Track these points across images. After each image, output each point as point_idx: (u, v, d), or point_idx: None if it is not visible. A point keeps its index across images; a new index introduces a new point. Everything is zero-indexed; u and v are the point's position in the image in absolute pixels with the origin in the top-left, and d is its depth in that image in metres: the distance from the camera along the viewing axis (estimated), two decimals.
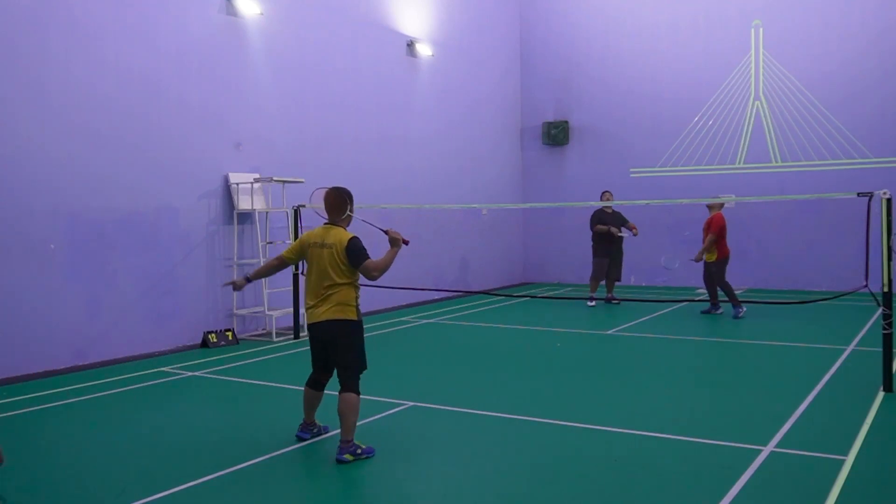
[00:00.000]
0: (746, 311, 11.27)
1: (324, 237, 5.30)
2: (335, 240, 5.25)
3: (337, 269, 5.20)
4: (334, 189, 5.48)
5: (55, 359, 8.13)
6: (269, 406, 6.85)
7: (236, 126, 10.27)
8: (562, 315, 12.02)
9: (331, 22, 11.94)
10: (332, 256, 5.20)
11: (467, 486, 4.60)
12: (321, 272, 5.23)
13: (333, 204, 5.41)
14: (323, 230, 5.37)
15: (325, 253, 5.23)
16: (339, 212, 5.42)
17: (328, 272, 5.20)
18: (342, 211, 5.42)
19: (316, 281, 5.27)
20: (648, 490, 4.55)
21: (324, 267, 5.22)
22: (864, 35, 14.07)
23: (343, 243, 5.20)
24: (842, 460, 4.94)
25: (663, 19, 15.83)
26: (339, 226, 5.38)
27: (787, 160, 14.68)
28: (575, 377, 7.81)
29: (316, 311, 5.24)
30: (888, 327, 6.64)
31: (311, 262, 5.33)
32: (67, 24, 8.30)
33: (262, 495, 4.57)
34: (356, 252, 5.19)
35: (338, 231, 5.33)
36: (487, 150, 16.06)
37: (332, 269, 5.20)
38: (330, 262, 5.20)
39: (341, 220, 5.43)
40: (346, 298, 5.23)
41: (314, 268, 5.29)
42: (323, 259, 5.23)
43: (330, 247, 5.22)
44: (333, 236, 5.28)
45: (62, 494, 4.69)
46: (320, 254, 5.25)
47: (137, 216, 9.00)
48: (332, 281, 5.21)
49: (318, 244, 5.29)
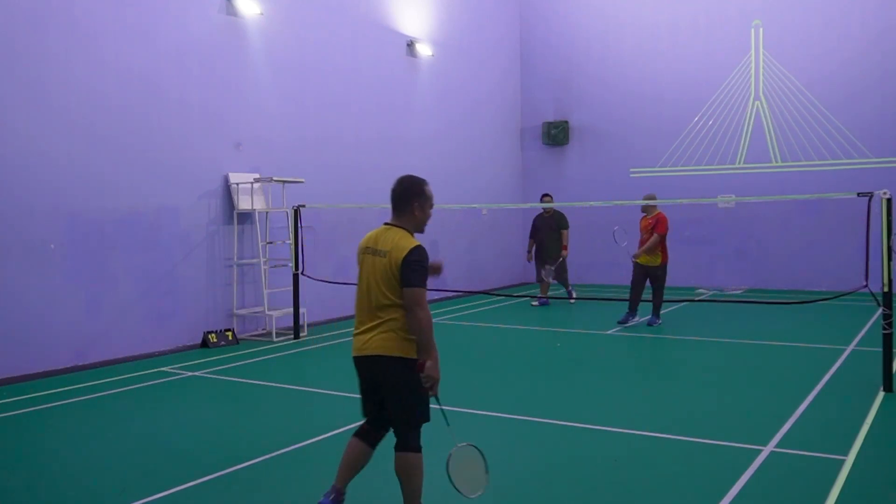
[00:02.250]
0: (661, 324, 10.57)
1: (377, 241, 4.00)
2: (391, 245, 3.91)
3: (391, 286, 3.87)
4: (400, 178, 4.12)
5: (55, 359, 8.12)
6: (269, 406, 6.85)
7: (236, 126, 10.27)
8: (562, 315, 12.01)
9: (331, 22, 11.94)
10: (385, 268, 3.88)
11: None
12: (371, 287, 3.93)
13: (394, 196, 4.06)
14: (380, 231, 4.06)
15: (377, 262, 3.93)
16: (402, 208, 4.04)
17: (380, 288, 3.89)
18: (407, 206, 4.03)
19: (364, 299, 3.99)
20: (648, 490, 4.55)
21: (375, 281, 3.91)
22: (864, 35, 14.06)
23: (401, 251, 3.85)
24: (842, 460, 4.93)
25: (663, 19, 15.83)
26: (402, 228, 4.03)
27: (787, 160, 14.68)
28: (575, 377, 7.81)
29: (361, 338, 3.96)
30: (888, 327, 6.64)
31: (361, 272, 4.04)
32: (67, 24, 8.30)
33: (262, 495, 4.57)
34: (413, 268, 3.82)
35: (397, 235, 3.96)
36: (487, 150, 16.06)
37: (385, 284, 3.87)
38: (383, 275, 3.88)
39: (405, 220, 4.05)
40: (405, 326, 3.86)
41: (363, 281, 4.00)
42: (374, 270, 3.93)
43: (383, 254, 3.91)
44: (390, 241, 3.93)
45: (62, 494, 4.69)
46: (372, 263, 3.96)
47: (137, 216, 9.00)
48: (385, 301, 3.88)
49: (371, 250, 4.00)
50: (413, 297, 3.80)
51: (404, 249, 3.85)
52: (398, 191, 4.04)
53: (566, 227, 12.93)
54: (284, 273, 10.49)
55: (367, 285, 3.96)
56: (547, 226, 12.92)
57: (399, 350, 3.86)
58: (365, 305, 3.97)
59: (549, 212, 12.99)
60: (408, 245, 3.87)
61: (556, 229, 12.88)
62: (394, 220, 4.05)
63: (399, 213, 4.04)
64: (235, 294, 10.20)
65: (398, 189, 4.04)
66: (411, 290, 3.81)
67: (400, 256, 3.84)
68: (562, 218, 12.98)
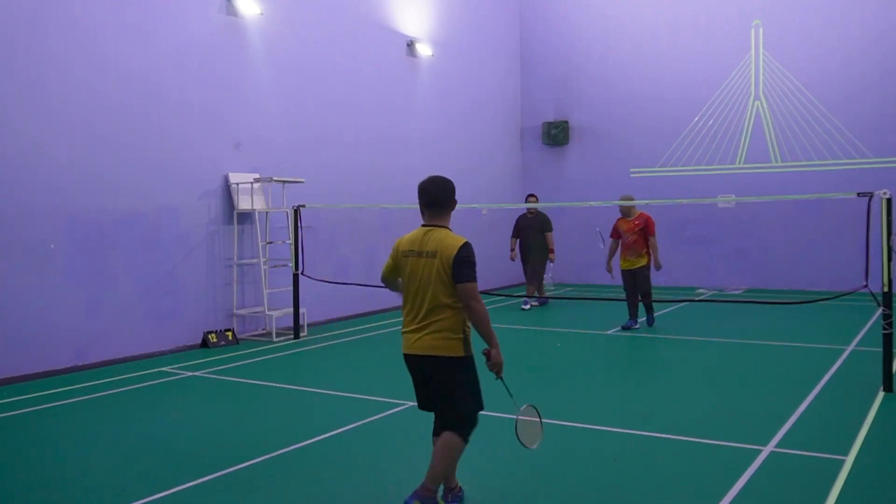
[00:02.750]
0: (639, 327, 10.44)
1: (421, 243, 4.08)
2: (438, 246, 4.02)
3: (441, 287, 3.99)
4: (434, 178, 4.21)
5: (55, 359, 8.12)
6: (269, 406, 6.85)
7: (236, 126, 10.27)
8: (562, 315, 12.02)
9: (331, 22, 11.94)
10: (436, 269, 3.99)
11: (467, 486, 4.60)
12: (419, 289, 4.06)
13: (434, 197, 4.13)
14: (420, 233, 4.12)
15: (424, 264, 4.03)
16: (443, 207, 4.15)
17: (431, 290, 4.01)
18: (446, 206, 4.16)
19: (412, 300, 4.11)
20: (648, 490, 4.55)
21: (424, 283, 4.03)
22: (864, 35, 14.06)
23: (451, 250, 3.97)
24: (842, 460, 4.94)
25: (663, 19, 15.83)
26: (443, 227, 4.15)
27: (787, 160, 14.68)
28: (575, 377, 7.81)
29: (411, 337, 4.10)
30: (888, 327, 6.64)
31: (406, 275, 4.14)
32: (67, 24, 8.30)
33: (262, 495, 4.57)
34: (464, 263, 3.96)
35: (442, 234, 4.07)
36: (487, 150, 16.06)
37: (436, 285, 4.00)
38: (434, 276, 4.00)
39: (445, 219, 4.18)
40: (453, 325, 4.01)
41: (411, 283, 4.11)
42: (422, 272, 4.04)
43: (431, 255, 4.02)
44: (436, 241, 4.04)
45: (62, 494, 4.69)
46: (417, 265, 4.06)
47: (137, 216, 9.00)
48: (434, 302, 4.01)
49: (414, 252, 4.09)
50: (468, 291, 3.95)
51: (454, 248, 3.98)
52: (437, 191, 4.14)
53: (550, 229, 12.76)
54: (284, 273, 10.49)
55: (415, 287, 4.08)
56: (530, 226, 12.88)
57: (446, 350, 4.02)
58: (412, 306, 4.10)
59: (533, 212, 12.89)
60: (456, 243, 4.01)
61: (539, 230, 12.81)
62: (432, 221, 4.14)
63: (437, 213, 4.14)
64: (235, 294, 10.20)
65: (436, 190, 4.14)
66: (465, 286, 3.95)
67: (451, 255, 3.96)
68: (546, 220, 12.82)
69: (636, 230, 10.16)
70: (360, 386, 7.30)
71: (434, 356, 4.02)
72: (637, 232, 10.16)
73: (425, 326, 4.03)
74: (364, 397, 6.89)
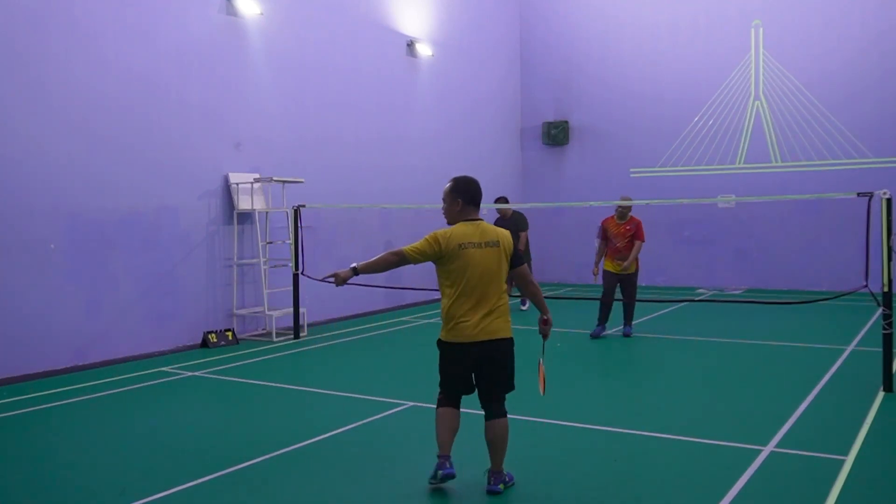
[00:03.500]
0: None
1: (480, 234, 4.42)
2: (498, 235, 4.47)
3: (503, 273, 4.45)
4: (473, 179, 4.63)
5: (55, 359, 8.12)
6: (269, 406, 6.85)
7: (236, 126, 10.27)
8: (562, 315, 12.00)
9: (331, 22, 11.94)
10: (500, 256, 4.42)
11: (467, 486, 4.60)
12: (484, 276, 4.36)
13: (478, 194, 4.57)
14: (472, 226, 4.46)
15: (489, 254, 4.39)
16: (478, 203, 4.59)
17: (497, 276, 4.40)
18: (479, 203, 4.61)
19: (481, 288, 4.37)
20: (648, 490, 4.55)
21: (489, 270, 4.37)
22: (864, 35, 14.07)
23: (508, 238, 4.51)
24: (842, 460, 4.93)
25: (663, 19, 15.83)
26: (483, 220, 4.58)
27: (787, 160, 14.68)
28: (574, 377, 7.80)
29: (483, 324, 4.37)
30: (888, 327, 6.64)
31: (469, 265, 4.36)
32: (67, 24, 8.30)
33: (262, 495, 4.57)
34: (517, 250, 4.55)
35: (491, 227, 4.53)
36: (487, 150, 16.06)
37: (499, 273, 4.41)
38: (499, 263, 4.41)
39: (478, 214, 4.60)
40: (508, 308, 4.50)
41: (475, 272, 4.35)
42: (490, 261, 4.38)
43: (494, 244, 4.41)
44: (492, 232, 4.47)
45: (62, 494, 4.68)
46: (484, 255, 4.38)
47: (137, 216, 9.00)
48: (501, 287, 4.43)
49: (478, 244, 4.39)
50: (527, 271, 4.62)
51: (509, 237, 4.54)
52: (479, 189, 4.56)
53: (524, 228, 12.35)
54: (284, 273, 10.49)
55: (479, 275, 4.36)
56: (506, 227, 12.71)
57: (510, 331, 4.51)
58: (478, 293, 4.37)
59: (506, 214, 12.49)
60: (507, 232, 4.56)
61: (515, 231, 12.67)
62: (474, 216, 4.54)
63: (476, 209, 4.56)
64: (235, 294, 10.20)
65: (479, 188, 4.56)
66: (524, 268, 4.59)
67: (510, 243, 4.49)
68: (521, 219, 12.48)
69: (627, 235, 9.86)
70: (360, 386, 7.29)
71: (505, 339, 4.45)
72: (629, 237, 9.87)
73: (494, 311, 4.38)
74: (364, 397, 6.89)
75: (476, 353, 4.39)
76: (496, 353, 4.42)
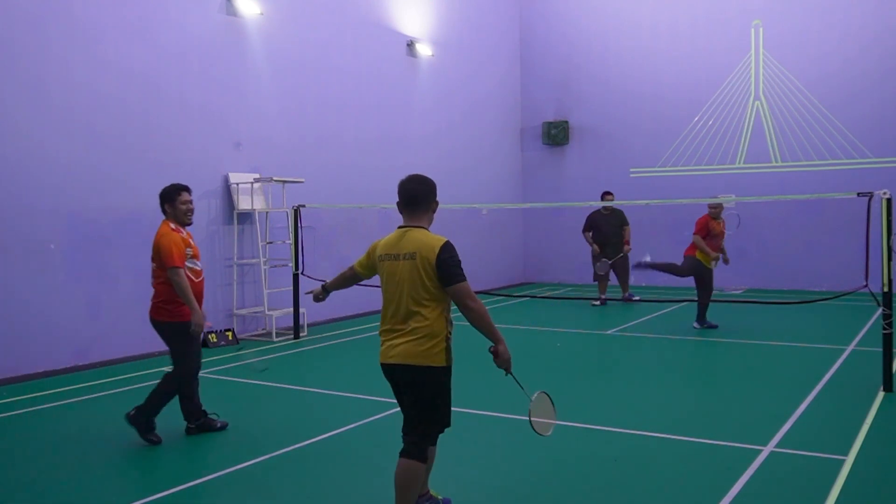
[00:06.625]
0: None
1: (398, 245, 3.87)
2: (417, 246, 3.79)
3: (421, 290, 3.76)
4: (413, 176, 4.01)
5: (55, 359, 8.12)
6: (269, 406, 6.85)
7: (236, 126, 10.27)
8: (562, 315, 12.01)
9: (331, 22, 11.94)
10: (413, 271, 3.77)
11: (467, 486, 4.60)
12: (396, 294, 3.83)
13: (412, 196, 3.92)
14: (397, 235, 3.91)
15: (402, 267, 3.81)
16: (422, 207, 3.93)
17: (409, 294, 3.77)
18: (425, 206, 3.95)
19: (389, 305, 3.87)
20: (648, 490, 4.55)
21: (401, 286, 3.80)
22: (864, 34, 14.07)
23: (431, 250, 3.76)
24: (842, 460, 4.94)
25: (663, 19, 15.83)
26: (422, 227, 3.93)
27: (787, 160, 14.68)
28: (575, 377, 7.80)
29: (389, 345, 3.83)
30: (888, 327, 6.64)
31: (384, 280, 3.92)
32: (67, 24, 8.30)
33: (263, 495, 4.57)
34: (450, 265, 3.74)
35: (420, 235, 3.85)
36: (487, 150, 16.06)
37: (415, 289, 3.76)
38: (411, 278, 3.77)
39: (424, 220, 3.96)
40: (434, 331, 3.77)
41: (388, 288, 3.88)
42: (400, 275, 3.81)
43: (410, 257, 3.79)
44: (414, 242, 3.82)
45: (62, 494, 4.68)
46: (394, 268, 3.84)
47: (137, 216, 9.00)
48: (413, 306, 3.76)
49: (391, 256, 3.87)
50: (461, 292, 3.73)
51: (434, 248, 3.76)
52: (417, 190, 3.92)
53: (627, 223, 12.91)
54: (284, 273, 10.49)
55: (392, 291, 3.84)
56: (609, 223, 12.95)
57: (426, 358, 3.75)
58: (390, 312, 3.86)
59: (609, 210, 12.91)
60: (437, 243, 3.78)
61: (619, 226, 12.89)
62: (410, 222, 3.93)
63: (416, 213, 3.92)
64: (235, 294, 10.20)
65: (417, 188, 3.93)
66: (458, 287, 3.74)
67: (432, 256, 3.74)
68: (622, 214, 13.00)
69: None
70: (360, 386, 7.29)
71: (414, 366, 3.74)
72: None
73: (403, 335, 3.77)
74: (364, 397, 6.89)
75: (390, 376, 3.91)
76: (408, 382, 3.81)
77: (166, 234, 5.77)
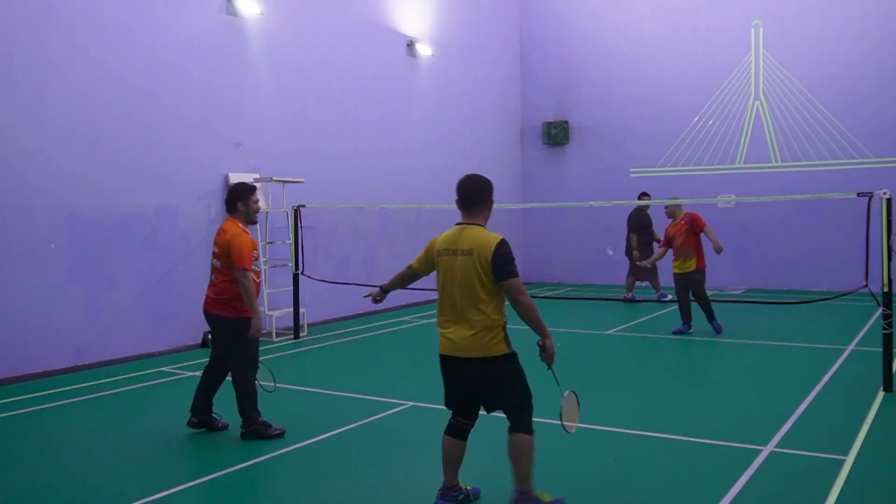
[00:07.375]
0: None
1: (456, 241, 4.04)
2: (475, 243, 3.97)
3: (478, 285, 3.94)
4: (469, 176, 4.23)
5: (55, 359, 8.12)
6: (268, 406, 6.83)
7: (236, 126, 10.27)
8: (562, 315, 12.01)
9: (331, 22, 11.94)
10: (470, 267, 3.94)
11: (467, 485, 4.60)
12: (454, 288, 4.00)
13: (468, 194, 4.13)
14: (455, 232, 4.10)
15: (459, 262, 3.98)
16: (478, 206, 4.13)
17: (466, 289, 3.95)
18: (482, 205, 4.15)
19: (447, 299, 4.05)
20: (648, 490, 4.55)
21: (460, 282, 3.97)
22: (865, 35, 14.06)
23: (488, 247, 3.94)
24: (842, 460, 4.93)
25: (663, 20, 15.83)
26: (479, 225, 4.12)
27: (788, 160, 14.68)
28: (575, 377, 7.79)
29: (450, 338, 4.01)
30: (888, 327, 6.64)
31: (441, 275, 4.10)
32: (67, 24, 8.29)
33: (263, 495, 4.57)
34: (504, 261, 3.93)
35: (478, 232, 4.04)
36: (488, 150, 16.06)
37: (472, 284, 3.94)
38: (467, 274, 3.95)
39: (481, 217, 4.15)
40: (492, 323, 3.94)
41: (446, 283, 4.05)
42: (457, 270, 3.98)
43: (467, 253, 3.96)
44: (471, 239, 4.00)
45: (62, 494, 4.68)
46: (452, 263, 4.01)
47: (137, 216, 9.00)
48: (471, 301, 3.94)
49: (449, 251, 4.05)
50: (514, 287, 3.92)
51: (490, 245, 3.95)
52: (473, 190, 4.14)
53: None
54: (284, 273, 10.49)
55: (449, 286, 4.03)
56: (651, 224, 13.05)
57: (489, 349, 3.95)
58: (448, 305, 4.05)
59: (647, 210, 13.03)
60: (493, 240, 3.97)
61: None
62: (467, 219, 4.13)
63: (473, 211, 4.13)
64: None
65: (473, 188, 4.14)
66: (510, 282, 3.92)
67: (488, 253, 3.93)
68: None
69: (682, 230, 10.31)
70: (360, 386, 7.29)
71: (479, 358, 3.96)
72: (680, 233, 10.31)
73: (464, 328, 3.96)
74: (364, 397, 6.89)
75: (451, 368, 4.10)
76: (473, 375, 4.02)
77: (238, 234, 5.79)
